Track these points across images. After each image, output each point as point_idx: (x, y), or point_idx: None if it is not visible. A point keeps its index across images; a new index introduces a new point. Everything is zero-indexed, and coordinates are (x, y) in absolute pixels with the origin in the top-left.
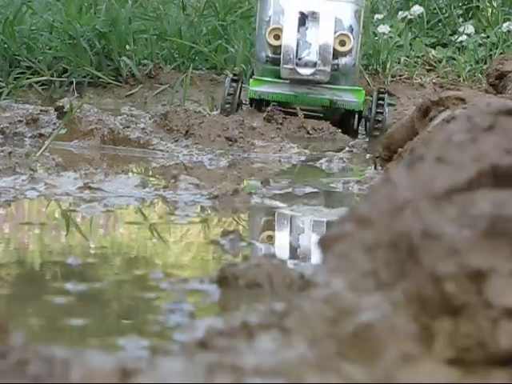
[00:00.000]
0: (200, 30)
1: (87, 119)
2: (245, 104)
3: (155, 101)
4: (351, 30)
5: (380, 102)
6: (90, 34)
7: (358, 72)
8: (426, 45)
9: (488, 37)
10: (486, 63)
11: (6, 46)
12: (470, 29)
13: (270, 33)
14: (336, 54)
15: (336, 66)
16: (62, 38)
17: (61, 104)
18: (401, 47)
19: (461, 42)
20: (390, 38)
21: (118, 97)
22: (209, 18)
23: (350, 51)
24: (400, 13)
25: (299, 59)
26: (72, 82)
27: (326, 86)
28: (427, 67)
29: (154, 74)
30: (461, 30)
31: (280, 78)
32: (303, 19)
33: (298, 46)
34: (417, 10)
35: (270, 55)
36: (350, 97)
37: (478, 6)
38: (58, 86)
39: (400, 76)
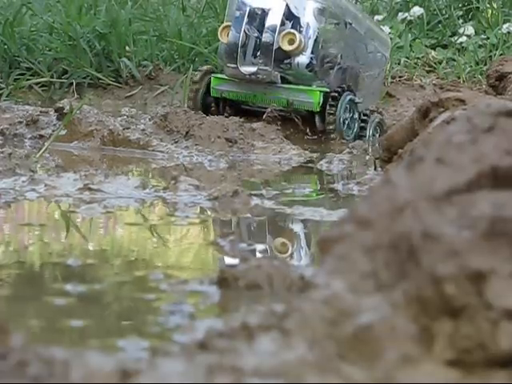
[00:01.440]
0: (200, 31)
1: (87, 120)
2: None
3: (155, 102)
4: (307, 27)
5: (333, 102)
6: (90, 35)
7: (319, 71)
8: (425, 46)
9: (488, 38)
10: (485, 64)
11: (5, 47)
12: (470, 30)
13: (223, 30)
14: (285, 54)
15: (289, 66)
16: (61, 39)
17: (61, 105)
18: (401, 48)
19: (461, 43)
20: (390, 39)
21: (117, 98)
22: (209, 20)
23: (301, 50)
24: (400, 14)
25: (244, 58)
26: (72, 83)
27: (283, 85)
28: (427, 68)
29: (153, 75)
30: (461, 31)
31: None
32: (253, 16)
33: (244, 43)
34: (417, 11)
35: (224, 53)
36: (305, 97)
37: (477, 7)
38: (58, 87)
39: (400, 77)
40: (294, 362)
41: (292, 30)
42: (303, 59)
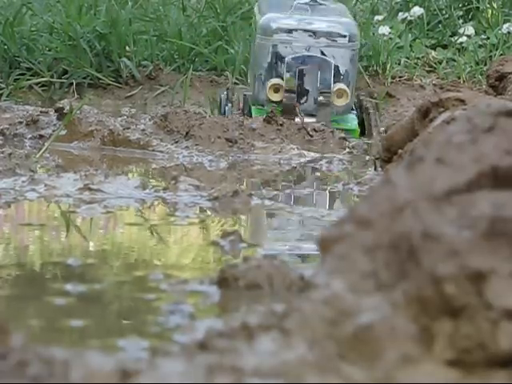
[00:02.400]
0: (200, 31)
1: (87, 120)
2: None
3: (155, 102)
4: (347, 76)
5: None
6: (90, 36)
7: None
8: (426, 46)
9: (488, 38)
10: (486, 64)
11: (5, 47)
12: (470, 30)
13: (270, 88)
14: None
15: (334, 112)
16: (62, 40)
17: (61, 105)
18: (401, 48)
19: (461, 43)
20: (390, 39)
21: (117, 98)
22: (209, 20)
23: (347, 102)
24: (400, 14)
25: (299, 103)
26: (72, 84)
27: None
28: (427, 68)
29: (154, 75)
30: (461, 31)
31: None
32: (303, 72)
33: (298, 93)
34: (417, 11)
35: (270, 104)
36: (347, 134)
37: (478, 8)
38: (58, 87)
39: (400, 77)
40: (294, 362)
41: (342, 86)
42: (346, 106)
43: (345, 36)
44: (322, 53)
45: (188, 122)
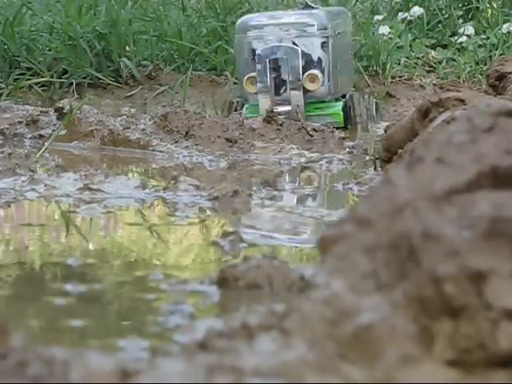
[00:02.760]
0: (200, 31)
1: (87, 120)
2: None
3: (155, 102)
4: (319, 63)
5: (355, 106)
6: (90, 35)
7: (332, 90)
8: (425, 46)
9: (488, 38)
10: (485, 64)
11: (5, 47)
12: (470, 30)
13: (247, 80)
14: (308, 90)
15: (312, 97)
16: (61, 39)
17: (61, 105)
18: (401, 48)
19: (461, 43)
20: (390, 39)
21: (117, 98)
22: (209, 20)
23: (320, 86)
24: (400, 14)
25: (278, 95)
26: (72, 83)
27: (308, 114)
28: (427, 68)
29: (153, 75)
30: (461, 31)
31: None
32: (276, 62)
33: (274, 85)
34: (417, 11)
35: (252, 98)
36: (331, 119)
37: (477, 7)
38: (58, 87)
39: (400, 77)
40: (294, 362)
41: (313, 72)
42: (323, 90)
43: (313, 25)
44: (294, 43)
45: (188, 122)
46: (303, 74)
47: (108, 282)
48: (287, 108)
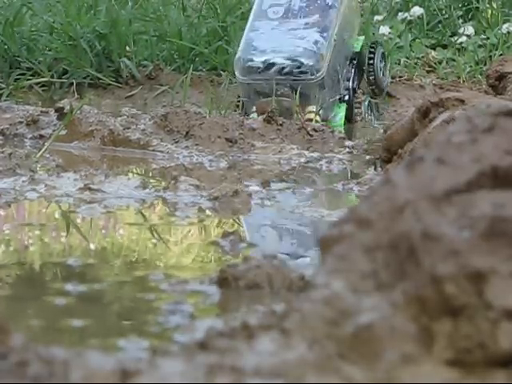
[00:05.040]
0: (200, 31)
1: (87, 120)
2: None
3: (155, 102)
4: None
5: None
6: (90, 36)
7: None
8: (425, 46)
9: (488, 38)
10: (485, 64)
11: (6, 47)
12: (470, 30)
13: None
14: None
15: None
16: (62, 40)
17: (61, 105)
18: (401, 48)
19: (461, 43)
20: (390, 39)
21: (118, 98)
22: (209, 20)
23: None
24: (400, 14)
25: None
26: (72, 83)
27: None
28: (427, 68)
29: (154, 75)
30: (461, 31)
31: None
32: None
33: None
34: (417, 11)
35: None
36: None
37: (477, 8)
38: (59, 87)
39: (400, 77)
40: (294, 362)
41: (310, 109)
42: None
43: (306, 73)
44: (291, 86)
45: (188, 122)
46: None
47: (108, 282)
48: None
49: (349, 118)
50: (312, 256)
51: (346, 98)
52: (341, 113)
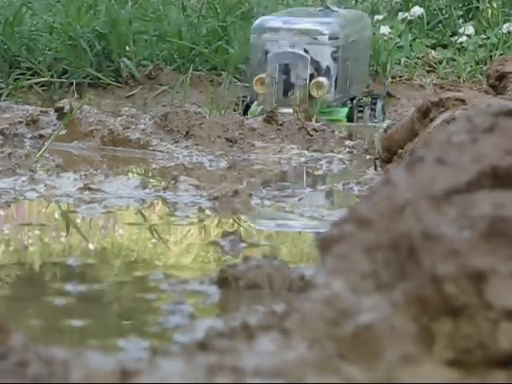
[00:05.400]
0: (200, 31)
1: (87, 120)
2: None
3: (155, 102)
4: (328, 71)
5: (360, 115)
6: (90, 35)
7: (339, 97)
8: (426, 46)
9: (488, 38)
10: (486, 64)
11: (5, 46)
12: (470, 30)
13: (257, 81)
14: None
15: (316, 103)
16: (61, 39)
17: (61, 105)
18: (401, 48)
19: (461, 42)
20: (390, 38)
21: (117, 98)
22: (209, 20)
23: (326, 93)
24: (400, 14)
25: (285, 97)
26: (72, 83)
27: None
28: (427, 68)
29: (154, 75)
30: (461, 31)
31: None
32: (286, 67)
33: (281, 88)
34: (417, 10)
35: (259, 99)
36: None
37: (478, 7)
38: (58, 86)
39: (400, 77)
40: (293, 362)
41: (320, 79)
42: (328, 97)
43: (325, 34)
44: (305, 50)
45: (188, 122)
46: (310, 80)
47: (108, 282)
48: (290, 110)
49: (351, 119)
50: (312, 256)
51: (349, 104)
52: (343, 112)
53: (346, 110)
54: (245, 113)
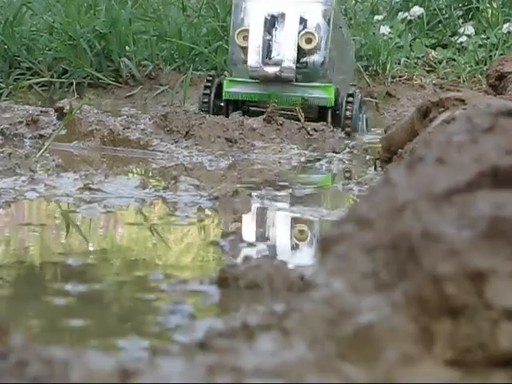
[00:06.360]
0: (200, 31)
1: (87, 120)
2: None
3: (155, 102)
4: (318, 28)
5: (349, 98)
6: (90, 35)
7: (328, 69)
8: (426, 46)
9: (488, 38)
10: (485, 64)
11: (6, 47)
12: (470, 30)
13: (239, 34)
14: (303, 53)
15: (305, 64)
16: (61, 39)
17: (61, 105)
18: (401, 48)
19: (461, 42)
20: (390, 38)
21: (118, 98)
22: (209, 19)
23: (316, 49)
24: (400, 14)
25: (268, 59)
26: (72, 83)
27: (297, 84)
28: (427, 68)
29: (154, 74)
30: (461, 31)
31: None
32: (272, 21)
33: (266, 46)
34: (417, 10)
35: (241, 56)
36: (320, 93)
37: (478, 7)
38: (58, 86)
39: (400, 77)
40: (294, 362)
41: (310, 30)
42: (318, 57)
43: None
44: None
45: (188, 122)
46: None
47: (108, 282)
48: (275, 69)
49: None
50: (312, 256)
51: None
52: (330, 89)
53: (333, 90)
54: (217, 95)
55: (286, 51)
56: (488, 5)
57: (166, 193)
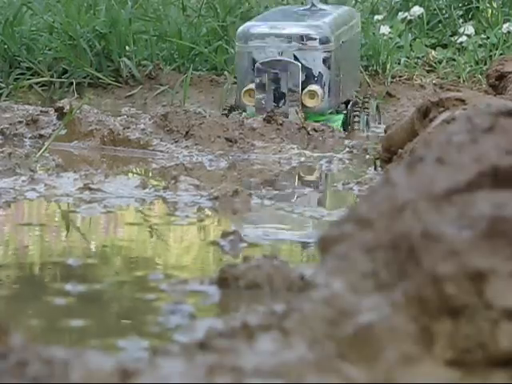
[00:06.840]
0: (200, 31)
1: (87, 120)
2: None
3: (155, 101)
4: (320, 77)
5: (356, 119)
6: (90, 35)
7: (334, 105)
8: (426, 45)
9: (488, 38)
10: (486, 64)
11: (5, 46)
12: (470, 30)
13: (245, 93)
14: (307, 107)
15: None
16: (61, 39)
17: (61, 105)
18: (401, 48)
19: (461, 42)
20: (390, 38)
21: (117, 98)
22: (209, 19)
23: (320, 101)
24: (400, 13)
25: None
26: (72, 83)
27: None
28: (427, 68)
29: (154, 74)
30: (461, 30)
31: None
32: (274, 79)
33: (270, 104)
34: (417, 10)
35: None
36: (329, 121)
37: (478, 7)
38: (58, 86)
39: (400, 77)
40: (293, 362)
41: (313, 88)
42: (322, 106)
43: (315, 39)
44: (295, 57)
45: (188, 122)
46: (303, 89)
47: (108, 282)
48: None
49: (345, 128)
50: (312, 256)
51: (344, 110)
52: (338, 120)
53: (341, 118)
54: None
55: (290, 112)
56: (488, 5)
57: (166, 193)
